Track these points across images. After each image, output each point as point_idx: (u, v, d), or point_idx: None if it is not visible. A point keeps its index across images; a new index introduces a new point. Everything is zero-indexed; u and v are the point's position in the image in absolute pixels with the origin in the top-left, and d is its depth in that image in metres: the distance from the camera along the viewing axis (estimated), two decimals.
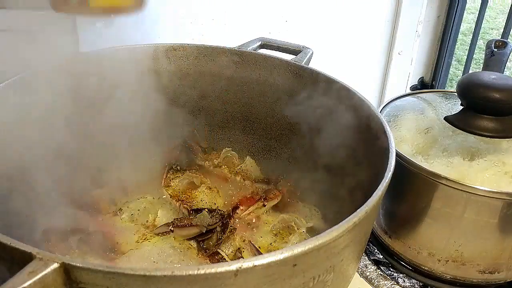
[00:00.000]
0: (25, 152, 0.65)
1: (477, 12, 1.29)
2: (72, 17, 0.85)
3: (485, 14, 1.29)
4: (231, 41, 0.83)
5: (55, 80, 0.69)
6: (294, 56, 0.81)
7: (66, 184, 0.71)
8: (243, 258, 0.63)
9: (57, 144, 0.69)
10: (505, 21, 1.22)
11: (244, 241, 0.67)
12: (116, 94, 0.75)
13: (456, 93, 0.76)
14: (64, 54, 0.72)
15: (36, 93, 0.67)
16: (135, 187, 0.76)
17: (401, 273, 0.76)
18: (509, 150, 0.70)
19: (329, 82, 0.71)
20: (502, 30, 1.25)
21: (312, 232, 0.71)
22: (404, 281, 0.75)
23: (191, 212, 0.71)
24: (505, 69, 0.82)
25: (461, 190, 0.65)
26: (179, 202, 0.74)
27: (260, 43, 0.84)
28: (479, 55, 2.06)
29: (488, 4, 1.27)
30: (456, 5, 1.25)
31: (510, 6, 1.21)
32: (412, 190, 0.71)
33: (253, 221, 0.72)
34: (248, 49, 0.81)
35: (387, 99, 0.86)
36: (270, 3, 1.04)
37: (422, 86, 1.39)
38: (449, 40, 1.30)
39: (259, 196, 0.75)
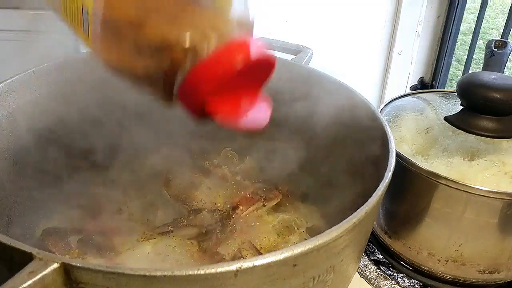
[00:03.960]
0: (24, 152, 0.65)
1: (477, 12, 1.29)
2: None
3: (485, 14, 1.29)
4: None
5: (55, 80, 0.69)
6: (294, 56, 0.80)
7: (66, 184, 0.71)
8: (243, 258, 0.63)
9: (57, 144, 0.69)
10: (505, 21, 1.22)
11: (244, 241, 0.67)
12: (116, 94, 0.75)
13: (456, 93, 0.76)
14: (64, 54, 0.72)
15: (35, 93, 0.67)
16: (135, 187, 0.76)
17: (401, 273, 0.76)
18: (509, 150, 0.70)
19: (329, 82, 0.71)
20: (502, 30, 1.25)
21: (312, 232, 0.71)
22: (404, 281, 0.75)
23: (191, 212, 0.71)
24: (505, 69, 0.82)
25: (461, 190, 0.65)
26: (179, 202, 0.74)
27: None
28: (479, 55, 2.06)
29: (488, 4, 1.27)
30: (456, 5, 1.25)
31: (510, 6, 1.21)
32: (412, 190, 0.71)
33: (253, 221, 0.72)
34: None
35: (387, 99, 0.86)
36: (270, 3, 1.04)
37: (422, 86, 1.39)
38: (449, 40, 1.30)
39: (259, 196, 0.75)
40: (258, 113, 0.44)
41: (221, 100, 0.39)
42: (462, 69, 1.43)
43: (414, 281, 0.75)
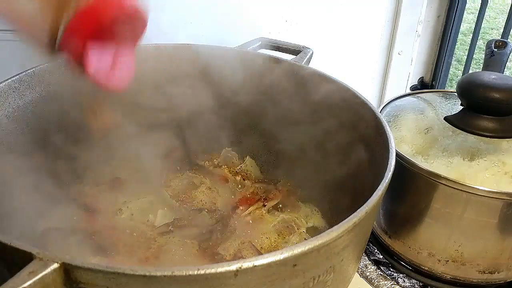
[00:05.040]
0: (24, 151, 0.65)
1: (477, 12, 1.29)
2: None
3: (485, 14, 1.29)
4: (231, 41, 0.83)
5: (54, 80, 0.69)
6: (294, 56, 0.81)
7: (65, 184, 0.71)
8: (243, 258, 0.63)
9: (57, 144, 0.69)
10: (505, 21, 1.22)
11: (244, 241, 0.67)
12: (116, 94, 0.75)
13: (456, 93, 0.76)
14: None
15: (35, 93, 0.67)
16: (135, 187, 0.76)
17: (401, 273, 0.76)
18: (509, 150, 0.70)
19: (329, 82, 0.71)
20: (502, 30, 1.25)
21: (312, 232, 0.71)
22: (404, 281, 0.75)
23: (191, 212, 0.71)
24: (505, 69, 0.82)
25: (461, 190, 0.65)
26: (179, 202, 0.74)
27: (260, 43, 0.84)
28: (479, 55, 2.06)
29: (488, 4, 1.27)
30: (456, 5, 1.25)
31: (510, 6, 1.21)
32: (412, 190, 0.71)
33: (253, 221, 0.72)
34: (248, 49, 0.81)
35: (387, 99, 0.86)
36: (270, 3, 1.04)
37: (422, 86, 1.39)
38: (449, 40, 1.30)
39: (259, 196, 0.75)
40: (125, 72, 0.51)
41: (96, 51, 0.46)
42: (462, 69, 1.43)
43: (414, 281, 0.75)
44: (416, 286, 0.75)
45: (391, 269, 0.77)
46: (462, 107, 0.75)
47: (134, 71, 0.50)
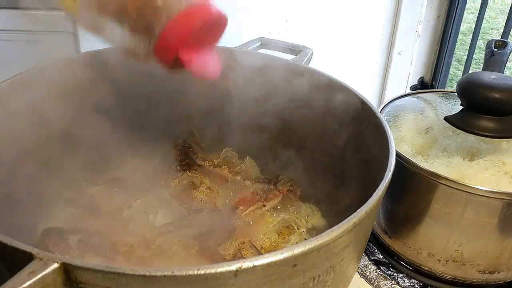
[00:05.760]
0: (24, 152, 0.65)
1: (477, 12, 1.29)
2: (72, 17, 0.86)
3: (485, 14, 1.29)
4: (231, 41, 0.83)
5: (55, 80, 0.69)
6: (294, 56, 0.81)
7: (65, 184, 0.71)
8: (243, 258, 0.63)
9: (57, 144, 0.69)
10: (505, 21, 1.22)
11: (244, 241, 0.67)
12: (116, 94, 0.75)
13: (456, 93, 0.76)
14: (64, 54, 0.72)
15: (35, 93, 0.67)
16: (135, 187, 0.76)
17: (401, 273, 0.76)
18: (509, 150, 0.70)
19: (329, 82, 0.71)
20: (502, 30, 1.25)
21: (312, 232, 0.71)
22: (404, 281, 0.75)
23: (191, 212, 0.71)
24: (505, 69, 0.82)
25: (461, 190, 0.65)
26: (179, 202, 0.74)
27: (260, 43, 0.85)
28: (479, 55, 2.06)
29: (488, 4, 1.27)
30: (456, 5, 1.25)
31: (510, 6, 1.21)
32: (412, 190, 0.71)
33: (253, 221, 0.72)
34: (248, 49, 0.81)
35: (387, 99, 0.86)
36: (270, 3, 1.04)
37: (422, 86, 1.39)
38: (449, 40, 1.30)
39: (259, 196, 0.75)
40: (214, 64, 0.56)
41: (189, 51, 0.50)
42: (462, 69, 1.43)
43: (414, 281, 0.75)
44: (416, 286, 0.75)
45: (391, 269, 0.77)
46: (462, 107, 0.75)
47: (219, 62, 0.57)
